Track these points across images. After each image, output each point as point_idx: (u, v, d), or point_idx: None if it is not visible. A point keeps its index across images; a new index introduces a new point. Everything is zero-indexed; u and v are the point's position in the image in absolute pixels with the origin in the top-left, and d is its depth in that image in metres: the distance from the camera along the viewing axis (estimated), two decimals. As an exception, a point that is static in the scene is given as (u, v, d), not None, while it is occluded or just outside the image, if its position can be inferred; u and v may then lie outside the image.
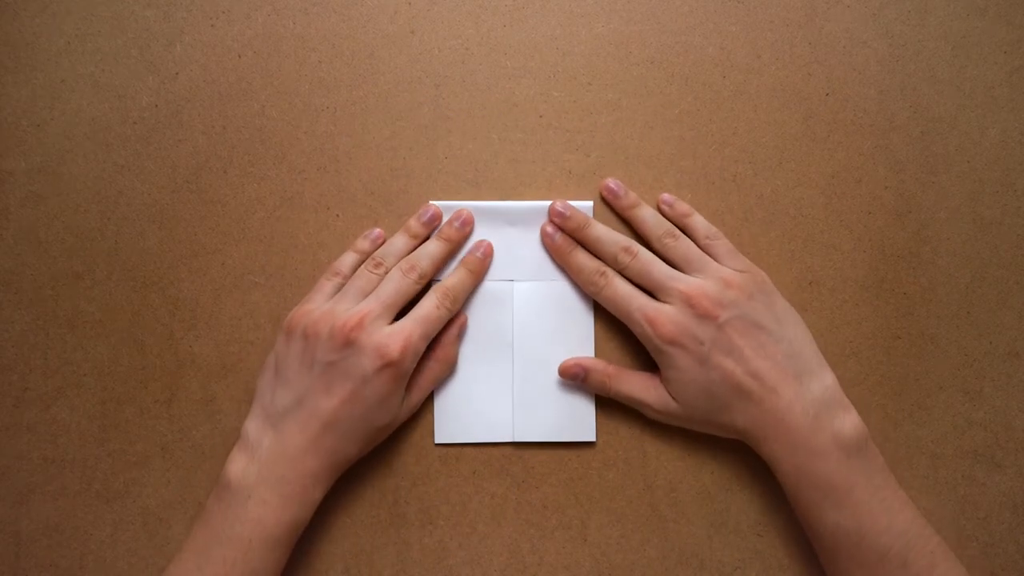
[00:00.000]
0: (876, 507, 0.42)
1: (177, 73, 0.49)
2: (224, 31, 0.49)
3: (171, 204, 0.49)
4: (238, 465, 0.43)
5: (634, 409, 0.48)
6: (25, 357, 0.49)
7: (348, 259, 0.48)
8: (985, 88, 0.50)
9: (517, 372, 0.49)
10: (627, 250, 0.47)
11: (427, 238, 0.49)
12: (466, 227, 0.49)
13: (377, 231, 0.49)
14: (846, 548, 0.42)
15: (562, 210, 0.48)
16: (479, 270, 0.48)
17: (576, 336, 0.49)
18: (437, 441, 0.49)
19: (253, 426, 0.44)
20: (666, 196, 0.49)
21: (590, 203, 0.49)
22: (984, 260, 0.50)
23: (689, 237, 0.48)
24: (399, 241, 0.48)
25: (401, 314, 0.46)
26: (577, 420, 0.49)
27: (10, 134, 0.49)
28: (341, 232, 0.49)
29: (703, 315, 0.44)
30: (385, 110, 0.50)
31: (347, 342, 0.43)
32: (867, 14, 0.50)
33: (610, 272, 0.47)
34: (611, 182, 0.49)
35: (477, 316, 0.49)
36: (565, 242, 0.48)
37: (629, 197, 0.49)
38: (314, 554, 0.48)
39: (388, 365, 0.43)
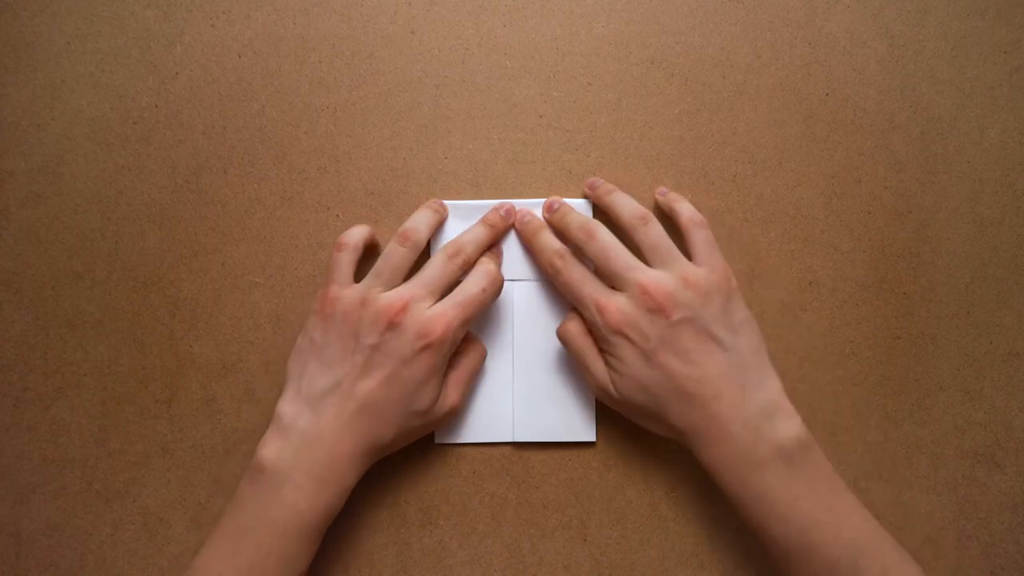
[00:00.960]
0: (823, 517, 0.41)
1: (177, 73, 0.49)
2: (224, 31, 0.49)
3: (171, 204, 0.49)
4: (272, 448, 0.42)
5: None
6: (25, 357, 0.49)
7: (359, 231, 0.47)
8: (985, 88, 0.50)
9: (517, 372, 0.49)
10: (583, 227, 0.46)
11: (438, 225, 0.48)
12: (509, 217, 0.49)
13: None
14: (795, 560, 0.41)
15: (551, 203, 0.48)
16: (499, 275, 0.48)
17: (576, 336, 0.49)
18: (437, 441, 0.49)
19: (288, 408, 0.43)
20: (661, 188, 0.49)
21: (587, 201, 0.49)
22: (984, 260, 0.50)
23: (675, 221, 0.47)
24: (423, 216, 0.47)
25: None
26: (577, 420, 0.49)
27: (10, 134, 0.49)
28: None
29: (655, 310, 0.43)
30: (385, 110, 0.50)
31: (391, 324, 0.43)
32: (867, 14, 0.50)
33: (569, 257, 0.46)
34: (591, 179, 0.49)
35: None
36: (533, 222, 0.48)
37: (605, 186, 0.48)
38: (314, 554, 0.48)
39: (428, 346, 0.43)
